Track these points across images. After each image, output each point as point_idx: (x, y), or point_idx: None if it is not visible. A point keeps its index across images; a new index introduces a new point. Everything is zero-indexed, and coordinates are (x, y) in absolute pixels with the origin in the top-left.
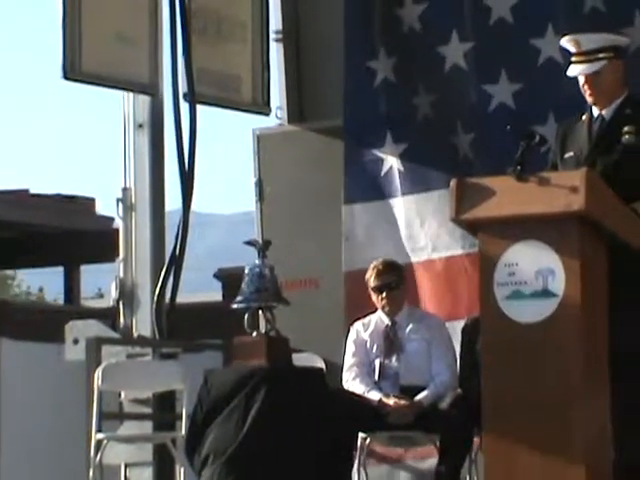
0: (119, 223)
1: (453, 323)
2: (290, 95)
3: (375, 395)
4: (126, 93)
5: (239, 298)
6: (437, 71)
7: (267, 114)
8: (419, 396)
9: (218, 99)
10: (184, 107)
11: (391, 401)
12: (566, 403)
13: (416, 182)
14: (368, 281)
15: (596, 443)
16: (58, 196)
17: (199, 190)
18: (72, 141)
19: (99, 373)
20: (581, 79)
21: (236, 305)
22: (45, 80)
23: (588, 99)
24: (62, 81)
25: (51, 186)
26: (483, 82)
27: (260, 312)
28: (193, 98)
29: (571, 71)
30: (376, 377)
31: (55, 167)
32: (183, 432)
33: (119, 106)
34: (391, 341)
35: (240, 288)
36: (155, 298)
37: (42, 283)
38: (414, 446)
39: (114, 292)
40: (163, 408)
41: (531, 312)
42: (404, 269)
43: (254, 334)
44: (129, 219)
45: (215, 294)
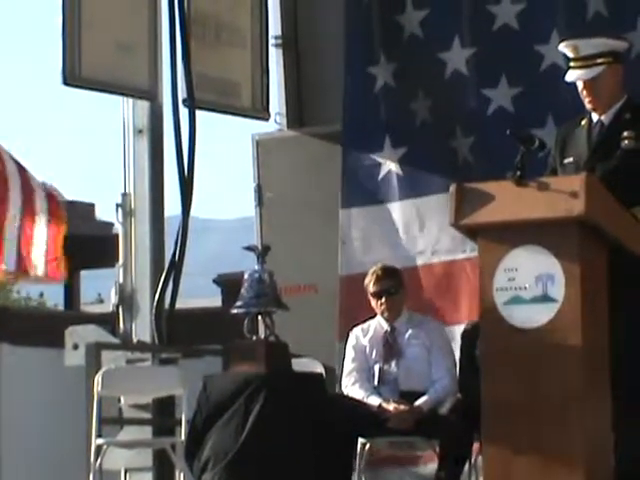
0: (119, 228)
1: (453, 327)
2: (289, 100)
3: (375, 400)
4: (126, 99)
5: (238, 303)
6: (437, 76)
7: (266, 119)
8: (419, 401)
9: (217, 104)
10: (184, 113)
11: (391, 406)
12: (566, 408)
13: (415, 186)
14: (367, 286)
15: (596, 448)
16: None
17: (198, 195)
18: (72, 147)
19: (99, 378)
20: (580, 84)
21: (235, 310)
22: (45, 85)
23: (587, 105)
24: (62, 87)
25: None
26: (483, 87)
27: (259, 317)
28: (192, 103)
29: (569, 76)
30: (376, 382)
31: (55, 173)
32: (183, 437)
33: (119, 112)
34: (390, 346)
35: (239, 293)
36: (155, 303)
37: (42, 289)
38: (414, 451)
39: (114, 297)
40: (163, 413)
41: (531, 317)
42: (403, 274)
43: (253, 339)
44: (129, 224)
45: (214, 299)
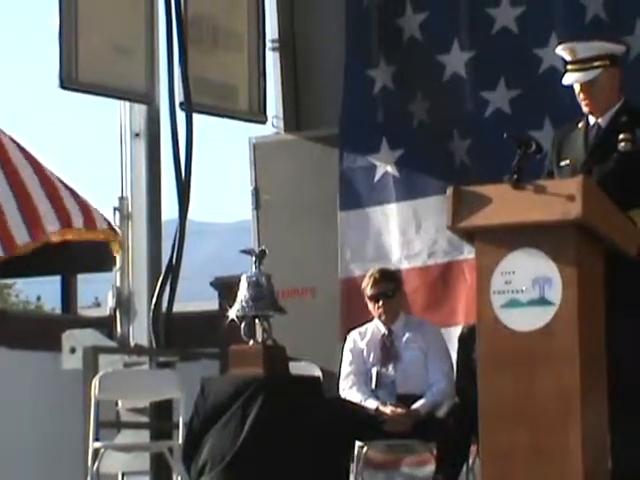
0: None
1: (450, 329)
2: (286, 104)
3: (372, 403)
4: (123, 102)
5: (236, 307)
6: (436, 79)
7: (263, 123)
8: (416, 404)
9: (214, 108)
10: (180, 116)
11: (388, 409)
12: (563, 411)
13: (412, 188)
14: (364, 290)
15: (593, 451)
16: None
17: (196, 199)
18: (68, 150)
19: (96, 382)
20: (577, 87)
21: (233, 314)
22: (42, 89)
23: (584, 108)
24: (59, 90)
25: None
26: (481, 89)
27: (257, 321)
28: (189, 107)
29: (566, 79)
30: (373, 386)
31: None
32: (180, 441)
33: (116, 115)
34: (388, 350)
35: (236, 297)
36: (152, 307)
37: (40, 292)
38: (411, 454)
39: (111, 301)
40: (160, 417)
41: (528, 320)
42: (400, 277)
43: (251, 343)
44: (126, 228)
45: (212, 303)
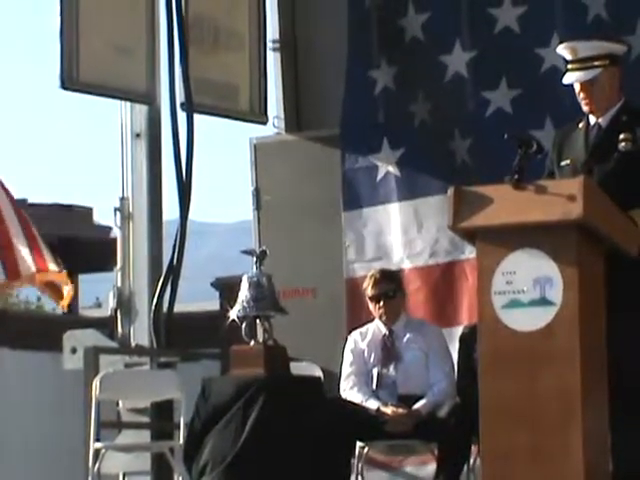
0: (117, 232)
1: (452, 329)
2: (287, 104)
3: (373, 404)
4: (123, 102)
5: (237, 307)
6: (438, 79)
7: (264, 123)
8: (417, 405)
9: (215, 108)
10: (181, 116)
11: (389, 410)
12: (564, 411)
13: (413, 187)
14: (365, 290)
15: (595, 451)
16: (56, 206)
17: (196, 199)
18: (70, 151)
19: (97, 382)
20: (577, 87)
21: (234, 314)
22: (43, 90)
23: (584, 107)
24: (60, 91)
25: (49, 196)
26: (483, 89)
27: (258, 321)
28: (190, 107)
29: (567, 78)
30: (374, 386)
31: (53, 177)
32: (181, 441)
33: (116, 115)
34: (388, 350)
35: (237, 297)
36: (153, 307)
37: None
38: (412, 455)
39: (112, 301)
40: (161, 417)
41: (529, 320)
42: (402, 277)
43: (252, 343)
44: (127, 228)
45: (212, 303)
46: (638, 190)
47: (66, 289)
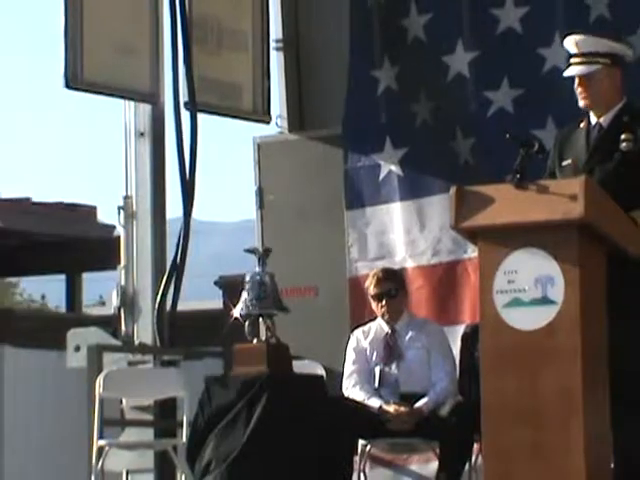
0: (120, 231)
1: (455, 328)
2: (290, 103)
3: (375, 402)
4: (127, 102)
5: (240, 306)
6: (440, 79)
7: (267, 122)
8: (419, 403)
9: (219, 107)
10: (185, 115)
11: (391, 408)
12: (566, 410)
13: (416, 187)
14: (368, 289)
15: (596, 450)
16: (60, 204)
17: (200, 198)
18: (74, 150)
19: (100, 380)
20: (576, 81)
21: (237, 313)
22: (47, 89)
23: (580, 102)
24: (64, 90)
25: (53, 194)
26: (484, 89)
27: (260, 320)
28: (194, 106)
29: (568, 72)
30: (376, 384)
31: (57, 175)
32: (184, 439)
33: (120, 115)
34: (391, 348)
35: (240, 296)
36: (156, 305)
37: (44, 291)
38: (414, 453)
39: (115, 300)
40: (164, 415)
41: (530, 319)
42: (404, 276)
43: (255, 341)
44: (130, 227)
45: (216, 302)
46: (639, 190)
47: None
